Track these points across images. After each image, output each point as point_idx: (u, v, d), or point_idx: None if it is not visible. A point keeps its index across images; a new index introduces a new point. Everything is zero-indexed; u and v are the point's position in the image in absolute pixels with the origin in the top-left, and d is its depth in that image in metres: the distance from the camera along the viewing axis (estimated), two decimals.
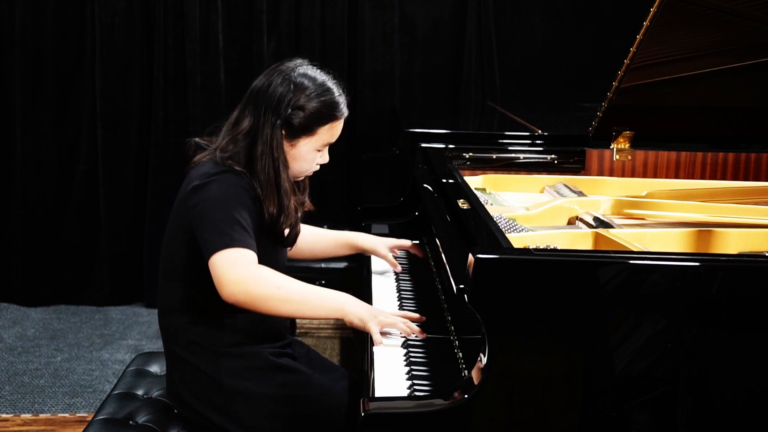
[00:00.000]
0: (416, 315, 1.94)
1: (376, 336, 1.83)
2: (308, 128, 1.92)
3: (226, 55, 4.14)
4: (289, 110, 1.89)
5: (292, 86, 1.90)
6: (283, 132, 1.91)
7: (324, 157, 2.00)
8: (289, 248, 2.09)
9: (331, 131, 1.96)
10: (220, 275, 1.79)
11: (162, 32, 4.06)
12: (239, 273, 1.78)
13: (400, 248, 2.35)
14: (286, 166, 1.93)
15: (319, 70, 1.97)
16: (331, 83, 1.96)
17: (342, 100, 1.96)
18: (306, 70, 1.94)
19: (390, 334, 1.88)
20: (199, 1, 4.06)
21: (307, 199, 2.07)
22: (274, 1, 4.14)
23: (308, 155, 1.96)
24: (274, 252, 1.99)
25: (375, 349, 1.83)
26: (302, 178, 2.03)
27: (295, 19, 4.17)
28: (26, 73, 4.06)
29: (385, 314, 1.88)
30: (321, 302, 1.86)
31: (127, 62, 4.12)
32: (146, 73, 4.15)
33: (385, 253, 2.30)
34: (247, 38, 4.14)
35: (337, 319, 3.31)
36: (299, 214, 2.01)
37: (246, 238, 1.82)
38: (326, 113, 1.93)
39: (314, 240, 2.30)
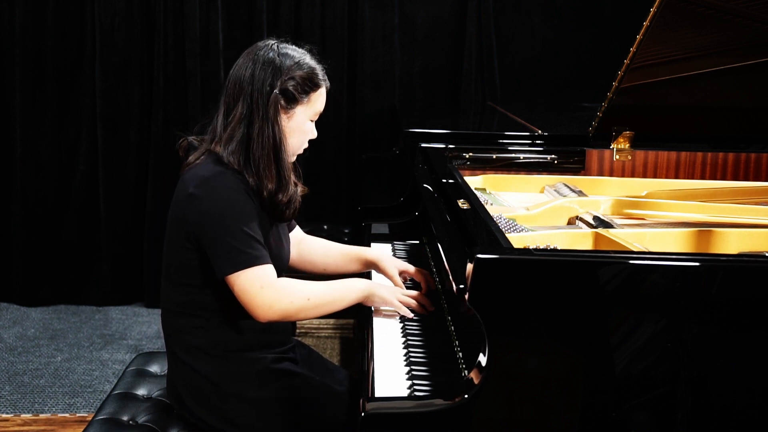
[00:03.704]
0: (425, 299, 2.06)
1: (402, 310, 2.00)
2: (302, 94, 1.95)
3: (226, 55, 4.14)
4: (283, 80, 1.92)
5: (277, 62, 1.93)
6: (281, 104, 1.92)
7: (313, 132, 2.03)
8: (288, 224, 2.10)
9: (321, 98, 2.00)
10: (250, 300, 1.85)
11: (162, 32, 4.06)
12: (270, 297, 1.85)
13: (409, 274, 2.23)
14: (285, 137, 1.94)
15: (293, 45, 2.01)
16: (308, 57, 2.00)
17: (320, 67, 2.01)
18: (285, 48, 1.97)
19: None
20: (199, 1, 4.06)
21: (299, 182, 2.07)
22: (274, 1, 4.13)
23: (304, 125, 1.98)
24: (275, 231, 1.99)
25: (375, 345, 1.84)
26: (294, 158, 2.04)
27: (295, 19, 4.17)
28: (26, 73, 4.06)
29: (402, 291, 2.05)
30: (345, 296, 1.97)
31: (127, 62, 4.12)
32: (146, 73, 4.15)
33: (392, 273, 2.19)
34: (247, 38, 4.14)
35: (337, 319, 3.31)
36: (298, 188, 2.02)
37: (262, 252, 1.86)
38: (315, 78, 1.97)
39: (328, 254, 2.26)
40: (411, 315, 2.00)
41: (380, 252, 2.27)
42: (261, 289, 1.84)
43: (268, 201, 1.92)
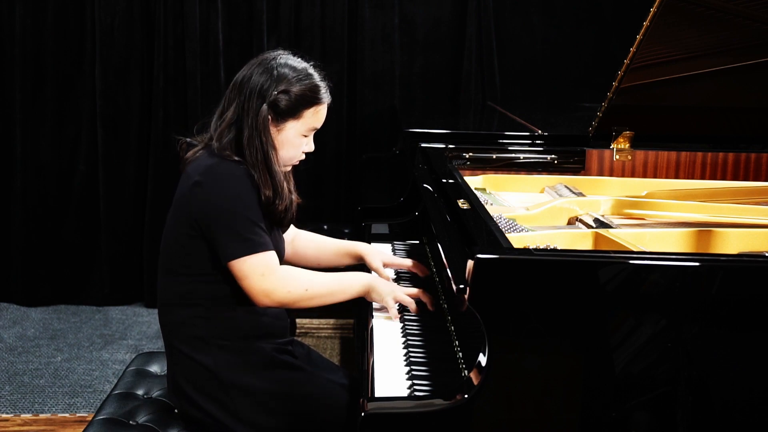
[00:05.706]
0: (428, 296, 2.04)
1: (392, 311, 1.99)
2: (294, 110, 1.95)
3: (226, 55, 4.14)
4: (274, 94, 1.92)
5: (275, 73, 1.94)
6: (270, 117, 1.93)
7: (309, 145, 2.03)
8: (284, 231, 2.12)
9: (316, 116, 1.99)
10: (250, 286, 1.89)
11: (162, 32, 4.06)
12: (269, 285, 1.89)
13: (398, 267, 2.28)
14: (275, 149, 1.95)
15: (299, 59, 2.01)
16: (311, 70, 1.99)
17: (323, 85, 2.00)
18: (287, 60, 1.98)
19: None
20: (199, 1, 4.06)
21: (294, 192, 2.08)
22: (274, 1, 4.13)
23: (295, 140, 1.98)
24: (273, 235, 2.01)
25: (375, 345, 1.84)
26: (289, 167, 2.04)
27: (295, 19, 4.17)
28: (26, 73, 4.06)
29: (401, 290, 2.03)
30: (344, 289, 2.00)
31: (127, 62, 4.12)
32: (146, 73, 4.15)
33: (376, 266, 2.22)
34: (247, 38, 4.14)
35: (337, 319, 3.30)
36: (294, 196, 2.04)
37: (265, 239, 1.90)
38: (310, 96, 1.96)
39: (320, 249, 2.30)
40: (399, 317, 1.99)
41: (368, 246, 2.31)
42: (262, 276, 1.88)
43: (266, 208, 1.94)
